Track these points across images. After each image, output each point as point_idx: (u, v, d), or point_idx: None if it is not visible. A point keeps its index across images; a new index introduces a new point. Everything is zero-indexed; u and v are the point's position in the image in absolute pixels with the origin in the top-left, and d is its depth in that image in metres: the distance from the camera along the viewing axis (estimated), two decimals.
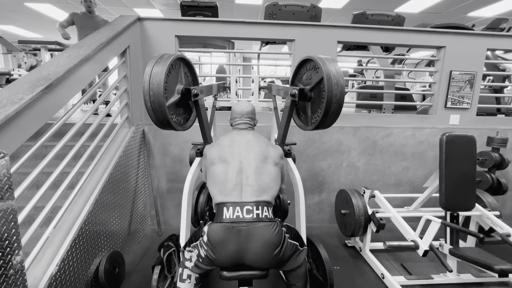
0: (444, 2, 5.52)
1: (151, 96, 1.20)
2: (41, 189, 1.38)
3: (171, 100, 1.32)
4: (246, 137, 1.39)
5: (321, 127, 1.39)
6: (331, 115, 1.26)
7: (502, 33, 2.88)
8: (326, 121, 1.31)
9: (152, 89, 1.20)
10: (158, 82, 1.19)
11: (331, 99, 1.22)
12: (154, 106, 1.22)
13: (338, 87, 1.22)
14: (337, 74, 1.24)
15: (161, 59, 1.25)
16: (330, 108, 1.24)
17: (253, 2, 5.88)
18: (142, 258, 2.25)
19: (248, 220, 1.15)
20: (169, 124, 1.32)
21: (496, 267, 1.56)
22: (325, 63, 1.28)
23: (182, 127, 1.49)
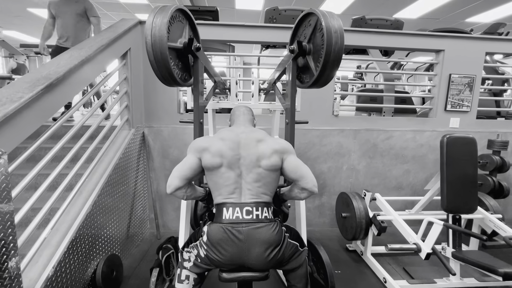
0: (442, 8, 5.59)
1: (153, 36, 1.18)
2: (39, 190, 1.37)
3: (173, 45, 1.31)
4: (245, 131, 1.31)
5: (324, 75, 1.36)
6: (333, 55, 1.24)
7: (500, 37, 2.91)
8: (329, 67, 1.29)
9: (154, 36, 1.18)
10: (160, 28, 1.18)
11: (330, 35, 1.21)
12: (156, 51, 1.19)
13: (334, 21, 1.22)
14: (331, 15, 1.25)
15: (162, 9, 1.25)
16: (331, 46, 1.22)
17: (253, 7, 5.95)
18: (140, 261, 2.21)
19: (248, 221, 1.14)
20: (170, 73, 1.29)
21: (501, 270, 1.54)
22: (323, 12, 1.28)
23: (184, 82, 1.47)
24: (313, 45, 1.41)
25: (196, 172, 1.21)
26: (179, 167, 1.20)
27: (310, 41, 1.43)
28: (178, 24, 1.37)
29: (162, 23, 1.19)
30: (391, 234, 2.63)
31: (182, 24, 1.42)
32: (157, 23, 1.19)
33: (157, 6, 1.26)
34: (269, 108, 2.01)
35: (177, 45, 1.34)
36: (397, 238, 2.57)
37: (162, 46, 1.21)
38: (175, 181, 1.16)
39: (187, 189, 1.22)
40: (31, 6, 5.90)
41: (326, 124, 2.74)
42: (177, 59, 1.41)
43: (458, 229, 1.81)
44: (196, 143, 1.26)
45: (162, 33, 1.19)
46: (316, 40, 1.37)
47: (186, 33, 1.44)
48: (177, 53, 1.39)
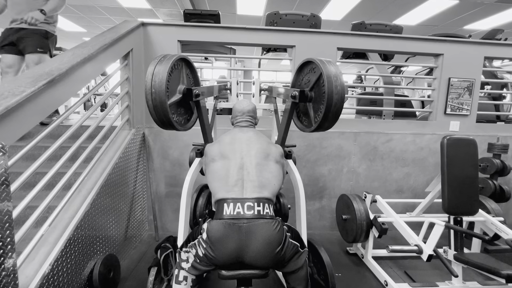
0: (440, 15, 5.67)
1: (153, 93, 1.21)
2: (36, 187, 1.36)
3: (173, 99, 1.33)
4: (247, 134, 1.39)
5: (323, 127, 1.39)
6: (332, 112, 1.26)
7: (499, 42, 2.94)
8: (328, 120, 1.31)
9: (154, 87, 1.21)
10: (160, 80, 1.20)
11: (331, 95, 1.23)
12: (156, 104, 1.23)
13: (337, 82, 1.23)
14: (335, 71, 1.25)
15: (164, 59, 1.27)
16: (331, 105, 1.24)
17: (254, 13, 6.04)
18: (138, 263, 2.18)
19: (249, 217, 1.13)
20: (170, 123, 1.32)
21: (503, 273, 1.51)
22: (323, 62, 1.30)
23: (183, 127, 1.49)
24: (315, 94, 1.41)
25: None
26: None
27: (312, 89, 1.43)
28: (175, 72, 1.38)
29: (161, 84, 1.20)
30: (392, 237, 2.62)
31: (178, 69, 1.41)
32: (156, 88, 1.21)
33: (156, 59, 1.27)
34: (269, 109, 2.02)
35: (177, 99, 1.36)
36: (398, 242, 2.55)
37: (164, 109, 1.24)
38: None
39: None
40: None
41: None
42: (178, 107, 1.43)
43: (459, 230, 1.79)
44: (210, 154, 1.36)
45: (163, 99, 1.21)
46: (319, 90, 1.37)
47: (183, 78, 1.45)
48: (177, 103, 1.41)
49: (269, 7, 5.58)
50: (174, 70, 1.34)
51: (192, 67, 1.56)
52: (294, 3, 5.40)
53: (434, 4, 5.20)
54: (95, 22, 6.81)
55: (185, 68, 1.47)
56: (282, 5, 5.44)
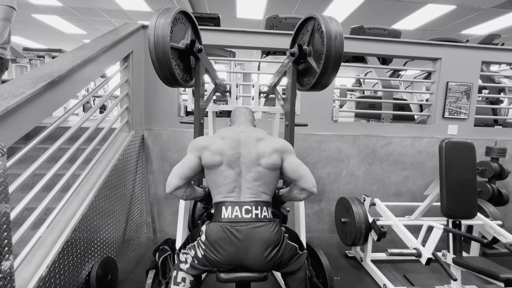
0: (438, 20, 5.73)
1: (156, 36, 1.20)
2: (34, 189, 1.35)
3: (175, 45, 1.32)
4: (245, 130, 1.31)
5: (325, 74, 1.37)
6: (333, 59, 1.27)
7: (496, 46, 2.97)
8: (330, 65, 1.31)
9: (157, 36, 1.20)
10: (163, 28, 1.20)
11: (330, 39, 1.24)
12: (159, 51, 1.21)
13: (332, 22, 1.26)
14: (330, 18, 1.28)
15: (165, 11, 1.27)
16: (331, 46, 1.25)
17: (254, 16, 6.08)
18: (136, 266, 2.17)
19: (247, 220, 1.13)
20: (172, 73, 1.30)
21: (502, 276, 1.51)
22: (320, 15, 1.32)
23: (184, 83, 1.48)
24: (313, 48, 1.44)
25: (196, 171, 1.21)
26: (179, 166, 1.19)
27: (309, 44, 1.46)
28: (181, 26, 1.40)
29: (165, 23, 1.22)
30: (391, 241, 2.61)
31: (184, 26, 1.44)
32: (160, 23, 1.22)
33: (159, 8, 1.28)
34: (269, 111, 2.02)
35: (179, 46, 1.36)
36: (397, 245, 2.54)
37: (164, 45, 1.22)
38: (175, 180, 1.15)
39: (187, 189, 1.21)
40: (35, 12, 6.01)
41: (325, 130, 2.76)
42: (179, 60, 1.43)
43: (458, 233, 1.80)
44: (196, 142, 1.25)
45: (165, 33, 1.21)
46: (316, 43, 1.40)
47: (188, 35, 1.47)
48: (179, 54, 1.41)
49: (269, 11, 5.62)
50: (177, 22, 1.34)
51: (194, 23, 1.53)
52: (293, 7, 5.44)
53: (432, 9, 5.25)
54: (95, 24, 6.83)
55: (186, 22, 1.47)
56: (281, 9, 5.48)
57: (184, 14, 1.42)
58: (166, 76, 1.33)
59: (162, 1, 5.25)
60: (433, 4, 5.03)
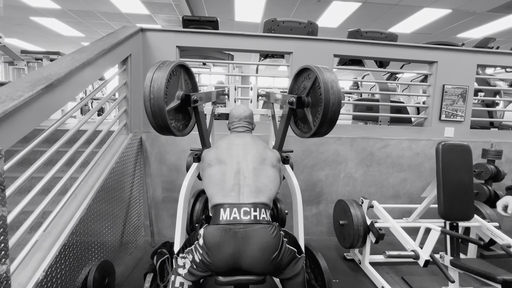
0: (434, 23, 5.80)
1: (152, 99, 1.22)
2: (31, 192, 1.34)
3: (171, 105, 1.34)
4: (244, 139, 1.40)
5: (321, 131, 1.39)
6: (330, 114, 1.28)
7: (491, 50, 3.01)
8: (326, 124, 1.33)
9: (153, 93, 1.22)
10: (159, 87, 1.21)
11: (328, 97, 1.25)
12: (154, 110, 1.23)
13: (333, 88, 1.25)
14: (330, 76, 1.28)
15: (163, 65, 1.28)
16: (329, 109, 1.26)
17: (252, 20, 6.12)
18: (133, 269, 2.15)
19: (246, 222, 1.13)
20: (168, 129, 1.33)
21: (499, 278, 1.52)
22: (319, 68, 1.33)
23: (181, 133, 1.50)
24: (312, 99, 1.44)
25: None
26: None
27: (309, 95, 1.46)
28: (174, 78, 1.39)
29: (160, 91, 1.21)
30: (389, 243, 2.62)
31: (176, 76, 1.43)
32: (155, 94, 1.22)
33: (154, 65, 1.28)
34: (267, 114, 2.03)
35: (175, 105, 1.37)
36: (395, 247, 2.55)
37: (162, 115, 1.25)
38: None
39: None
40: (33, 14, 6.01)
41: None
42: (176, 113, 1.44)
43: (456, 235, 1.80)
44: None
45: (161, 105, 1.22)
46: (315, 95, 1.40)
47: (182, 84, 1.47)
48: (175, 109, 1.42)
49: (267, 14, 5.66)
50: (173, 76, 1.35)
51: (191, 73, 1.57)
52: (291, 10, 5.49)
53: (428, 13, 5.32)
54: (93, 27, 6.84)
55: (183, 74, 1.48)
56: (279, 12, 5.53)
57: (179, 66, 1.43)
58: (163, 131, 1.36)
59: (160, 5, 5.27)
60: (429, 8, 5.09)
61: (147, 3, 5.26)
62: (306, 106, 1.46)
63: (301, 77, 1.59)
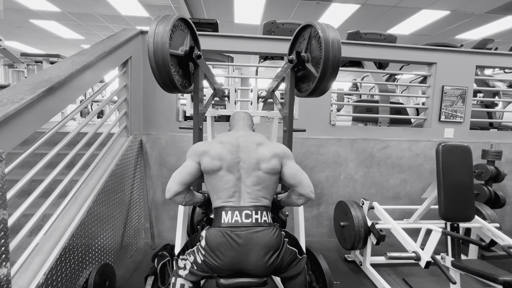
0: (433, 25, 5.83)
1: (155, 43, 1.21)
2: (32, 195, 1.34)
3: (175, 51, 1.33)
4: (245, 137, 1.32)
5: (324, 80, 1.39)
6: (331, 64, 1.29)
7: (489, 51, 3.03)
8: (327, 75, 1.33)
9: (156, 43, 1.21)
10: (162, 35, 1.21)
11: (328, 46, 1.26)
12: (158, 55, 1.22)
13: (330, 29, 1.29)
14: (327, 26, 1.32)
15: (165, 18, 1.28)
16: (329, 52, 1.27)
17: (251, 22, 6.14)
18: (134, 272, 2.15)
19: (247, 225, 1.12)
20: (171, 79, 1.31)
21: (500, 279, 1.52)
22: (317, 23, 1.35)
23: (184, 89, 1.49)
24: (311, 55, 1.47)
25: (195, 177, 1.21)
26: (178, 172, 1.20)
27: (307, 51, 1.49)
28: (180, 33, 1.41)
29: (164, 31, 1.23)
30: (390, 244, 2.62)
31: (183, 33, 1.46)
32: (159, 30, 1.23)
33: (159, 15, 1.30)
34: (267, 116, 2.04)
35: (178, 52, 1.38)
36: (396, 249, 2.55)
37: (164, 52, 1.24)
38: (174, 186, 1.15)
39: (186, 195, 1.21)
40: (33, 17, 6.02)
41: (323, 134, 2.77)
42: (178, 66, 1.44)
43: (456, 236, 1.80)
44: (195, 148, 1.26)
45: (164, 40, 1.22)
46: (314, 50, 1.42)
47: (187, 42, 1.48)
48: (178, 60, 1.42)
49: (266, 16, 5.68)
50: (176, 29, 1.35)
51: (193, 29, 1.55)
52: (290, 12, 5.51)
53: (426, 15, 5.34)
54: (93, 30, 6.85)
55: (185, 29, 1.48)
56: (279, 14, 5.54)
57: (183, 21, 1.44)
58: (165, 82, 1.34)
59: (160, 7, 5.29)
60: (427, 10, 5.12)
61: (146, 6, 5.27)
62: (307, 61, 1.48)
63: (298, 40, 1.61)
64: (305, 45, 1.49)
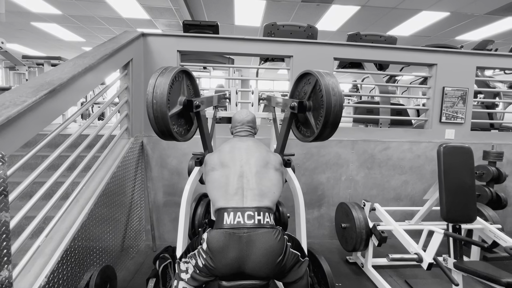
0: (433, 26, 5.84)
1: (154, 105, 1.23)
2: (34, 198, 1.34)
3: (173, 111, 1.35)
4: (246, 143, 1.40)
5: (323, 135, 1.40)
6: (332, 116, 1.28)
7: (490, 52, 3.03)
8: (328, 127, 1.33)
9: (155, 98, 1.22)
10: (161, 92, 1.22)
11: (330, 102, 1.25)
12: (157, 115, 1.24)
13: (334, 90, 1.26)
14: (331, 78, 1.30)
15: (165, 71, 1.29)
16: (330, 113, 1.26)
17: (252, 24, 6.16)
18: (135, 274, 2.14)
19: (249, 226, 1.12)
20: (171, 134, 1.33)
21: (503, 281, 1.51)
22: (320, 73, 1.34)
23: (183, 138, 1.50)
24: (313, 102, 1.45)
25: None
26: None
27: (310, 99, 1.47)
28: (177, 83, 1.40)
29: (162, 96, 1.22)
30: (391, 246, 2.61)
31: (179, 81, 1.44)
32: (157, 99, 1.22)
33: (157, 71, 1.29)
34: (268, 118, 2.04)
35: (178, 111, 1.38)
36: (397, 251, 2.54)
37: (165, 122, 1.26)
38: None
39: None
40: (34, 20, 6.05)
41: None
42: (178, 118, 1.45)
43: (459, 237, 1.80)
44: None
45: (164, 111, 1.23)
46: (316, 98, 1.41)
47: (184, 89, 1.47)
48: (177, 115, 1.43)
49: (267, 18, 5.70)
50: (175, 82, 1.36)
51: (193, 78, 1.58)
52: (291, 14, 5.53)
53: (426, 16, 5.36)
54: (94, 32, 6.88)
55: (185, 80, 1.49)
56: (279, 16, 5.57)
57: (182, 72, 1.44)
58: (165, 137, 1.37)
59: (161, 9, 5.31)
60: (427, 11, 5.13)
61: (147, 8, 5.30)
62: (308, 110, 1.47)
63: (301, 82, 1.60)
64: (310, 91, 1.45)
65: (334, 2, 4.88)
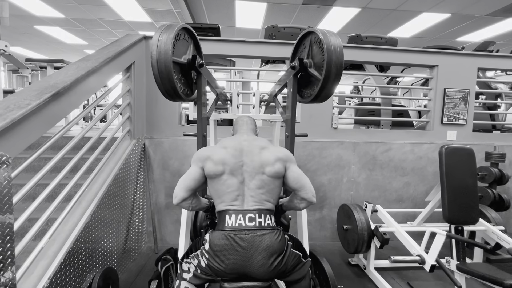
0: (433, 27, 5.85)
1: (159, 51, 1.23)
2: (37, 200, 1.35)
3: (177, 59, 1.35)
4: (249, 141, 1.34)
5: (327, 84, 1.39)
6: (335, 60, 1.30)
7: (491, 53, 3.03)
8: (332, 73, 1.34)
9: (159, 49, 1.23)
10: (166, 42, 1.23)
11: (329, 43, 1.28)
12: (160, 63, 1.23)
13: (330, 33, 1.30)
14: (329, 32, 1.33)
15: (169, 27, 1.31)
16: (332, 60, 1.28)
17: (253, 26, 6.19)
18: (137, 276, 2.14)
19: (251, 228, 1.13)
20: (174, 87, 1.33)
21: (506, 282, 1.51)
22: (319, 30, 1.36)
23: (186, 97, 1.50)
24: (314, 60, 1.48)
25: (200, 182, 1.23)
26: (184, 178, 1.22)
27: (309, 57, 1.50)
28: (183, 42, 1.43)
29: (167, 39, 1.25)
30: (393, 248, 2.59)
31: (186, 42, 1.47)
32: (163, 39, 1.25)
33: (163, 24, 1.32)
34: (269, 120, 2.04)
35: (181, 60, 1.39)
36: (399, 252, 2.52)
37: (166, 60, 1.25)
38: (181, 192, 1.18)
39: (193, 200, 1.24)
40: (38, 23, 6.11)
41: (325, 137, 2.78)
42: (180, 74, 1.46)
43: (462, 239, 1.79)
44: (198, 153, 1.27)
45: (167, 48, 1.24)
46: (316, 56, 1.43)
47: (190, 51, 1.50)
48: (180, 69, 1.44)
49: (267, 21, 5.72)
50: (181, 38, 1.37)
51: (197, 41, 1.58)
52: (291, 16, 5.55)
53: (427, 18, 5.36)
54: (96, 35, 6.93)
55: (192, 46, 1.50)
56: (280, 18, 5.59)
57: (186, 31, 1.46)
58: (167, 90, 1.36)
59: (163, 12, 5.35)
60: (428, 13, 5.14)
61: (149, 11, 5.34)
62: (309, 67, 1.49)
63: (297, 52, 1.63)
64: (307, 52, 1.50)
65: (335, 4, 4.90)
